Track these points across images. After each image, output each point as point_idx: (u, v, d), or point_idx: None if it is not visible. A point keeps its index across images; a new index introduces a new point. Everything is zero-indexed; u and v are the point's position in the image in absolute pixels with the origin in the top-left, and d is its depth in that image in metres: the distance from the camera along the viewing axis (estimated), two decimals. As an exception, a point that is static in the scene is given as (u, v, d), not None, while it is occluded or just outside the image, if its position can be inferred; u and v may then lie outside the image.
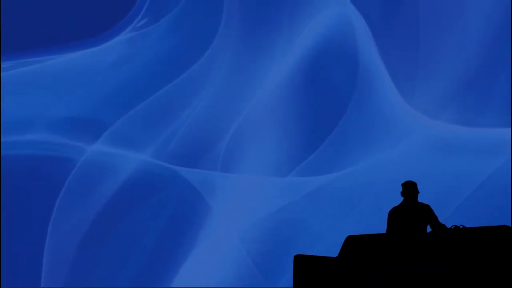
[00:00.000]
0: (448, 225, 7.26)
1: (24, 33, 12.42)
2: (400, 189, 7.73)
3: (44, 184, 12.31)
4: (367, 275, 6.68)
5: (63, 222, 12.19)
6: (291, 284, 6.93)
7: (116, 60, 12.68)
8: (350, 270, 6.73)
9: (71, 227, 12.22)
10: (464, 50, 12.46)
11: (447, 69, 12.51)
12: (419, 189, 7.71)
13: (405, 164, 12.13)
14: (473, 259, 6.60)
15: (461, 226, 6.98)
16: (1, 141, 12.17)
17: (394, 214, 7.56)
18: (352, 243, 7.04)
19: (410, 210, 7.50)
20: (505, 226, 6.67)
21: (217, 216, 12.33)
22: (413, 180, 7.70)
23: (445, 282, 6.50)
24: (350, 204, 12.22)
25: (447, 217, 8.18)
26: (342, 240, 7.19)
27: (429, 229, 7.42)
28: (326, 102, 12.65)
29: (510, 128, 12.02)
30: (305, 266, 6.84)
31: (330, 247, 7.85)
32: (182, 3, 12.96)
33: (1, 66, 12.36)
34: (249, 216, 12.32)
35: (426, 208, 7.49)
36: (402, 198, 7.64)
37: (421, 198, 7.63)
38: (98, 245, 12.26)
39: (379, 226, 7.68)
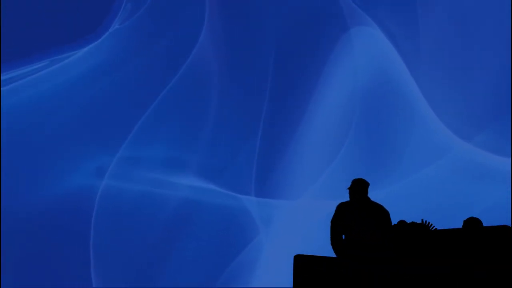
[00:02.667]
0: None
1: (22, 39, 12.29)
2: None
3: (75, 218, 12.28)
4: (367, 275, 6.72)
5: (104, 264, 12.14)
6: (291, 284, 7.00)
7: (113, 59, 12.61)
8: (350, 270, 6.79)
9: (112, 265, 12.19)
10: (506, 73, 12.24)
11: (486, 91, 12.29)
12: None
13: (433, 185, 11.92)
14: (473, 259, 6.60)
15: (425, 222, 6.94)
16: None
17: (348, 210, 7.24)
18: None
19: (366, 209, 7.21)
20: (505, 226, 6.67)
21: (266, 241, 12.20)
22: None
23: (445, 282, 6.49)
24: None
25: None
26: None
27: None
28: (347, 118, 12.55)
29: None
30: (305, 266, 6.91)
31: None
32: None
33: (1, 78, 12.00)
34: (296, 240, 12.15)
35: (385, 213, 7.20)
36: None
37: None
38: (143, 274, 12.28)
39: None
